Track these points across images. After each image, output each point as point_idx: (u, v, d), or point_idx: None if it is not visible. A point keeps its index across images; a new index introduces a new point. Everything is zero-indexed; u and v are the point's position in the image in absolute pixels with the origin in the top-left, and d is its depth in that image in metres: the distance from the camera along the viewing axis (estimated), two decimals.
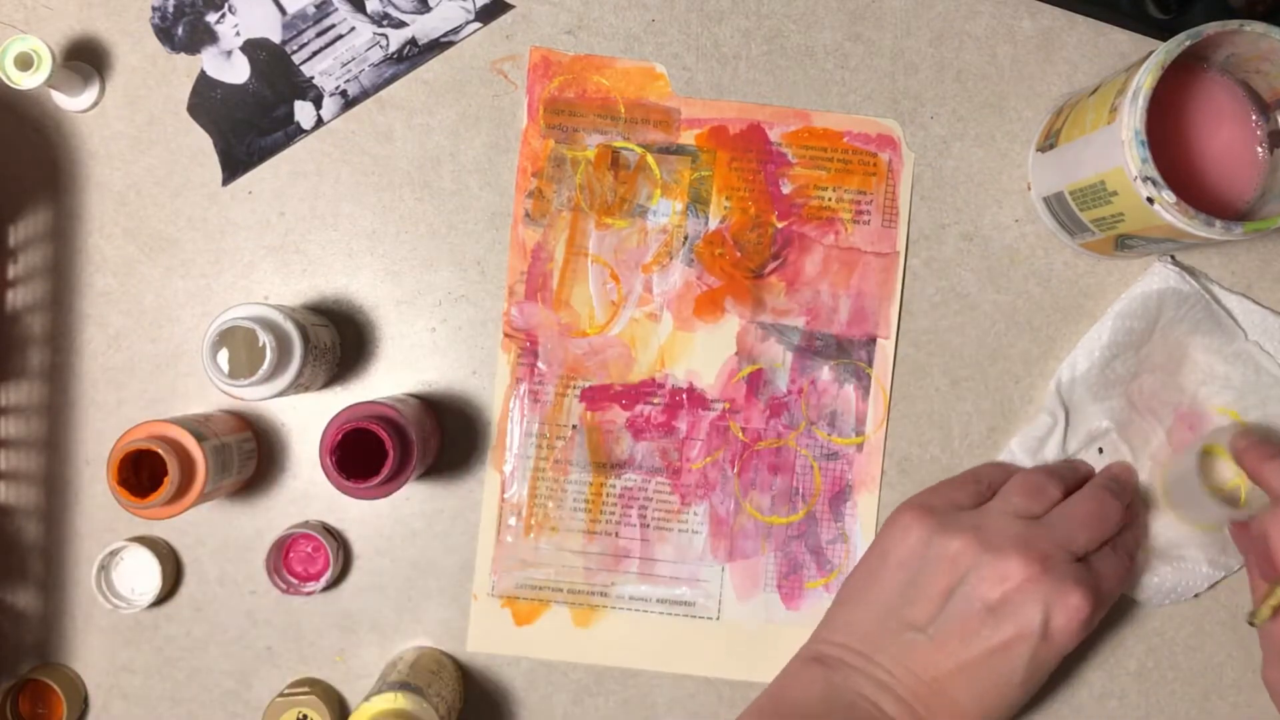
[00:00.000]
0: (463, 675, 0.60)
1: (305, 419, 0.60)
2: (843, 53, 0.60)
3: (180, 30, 0.60)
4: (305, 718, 0.57)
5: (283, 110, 0.60)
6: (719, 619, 0.60)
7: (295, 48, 0.60)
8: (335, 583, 0.60)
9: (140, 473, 0.54)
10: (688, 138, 0.60)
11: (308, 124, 0.60)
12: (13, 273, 0.60)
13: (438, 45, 0.61)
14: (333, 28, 0.60)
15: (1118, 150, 0.50)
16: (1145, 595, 0.59)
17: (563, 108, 0.60)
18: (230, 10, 0.60)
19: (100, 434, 0.60)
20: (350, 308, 0.61)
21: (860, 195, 0.60)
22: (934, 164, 0.61)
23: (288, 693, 0.58)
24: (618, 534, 0.60)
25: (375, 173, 0.61)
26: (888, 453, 0.60)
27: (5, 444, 0.60)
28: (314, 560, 0.59)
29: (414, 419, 0.54)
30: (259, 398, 0.54)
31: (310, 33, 0.60)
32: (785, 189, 0.60)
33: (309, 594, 0.58)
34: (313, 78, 0.60)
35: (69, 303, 0.60)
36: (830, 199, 0.60)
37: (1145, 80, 0.49)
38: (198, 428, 0.55)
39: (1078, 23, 0.61)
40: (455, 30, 0.60)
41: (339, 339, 0.60)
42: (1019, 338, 0.61)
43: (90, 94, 0.60)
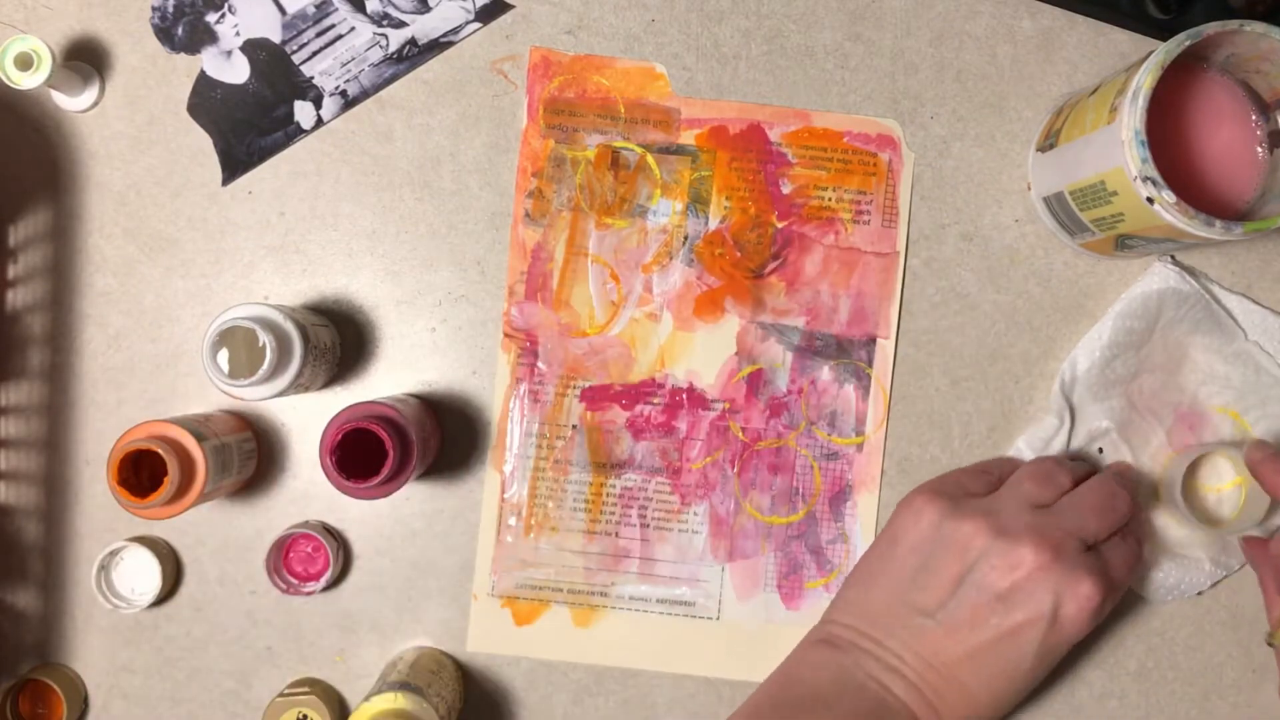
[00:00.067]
0: (463, 675, 0.60)
1: (305, 419, 0.60)
2: (843, 53, 0.60)
3: (180, 30, 0.60)
4: (305, 718, 0.57)
5: (283, 110, 0.60)
6: (719, 619, 0.60)
7: (295, 48, 0.60)
8: (335, 583, 0.60)
9: (140, 473, 0.54)
10: (688, 138, 0.60)
11: (308, 124, 0.60)
12: (13, 273, 0.60)
13: (438, 45, 0.61)
14: (333, 28, 0.60)
15: (1118, 150, 0.50)
16: (1150, 590, 0.59)
17: (563, 108, 0.60)
18: (230, 10, 0.60)
19: (100, 434, 0.60)
20: (350, 308, 0.61)
21: (860, 195, 0.60)
22: (934, 164, 0.61)
23: (288, 693, 0.58)
24: (618, 534, 0.60)
25: (375, 173, 0.61)
26: (888, 453, 0.60)
27: (5, 444, 0.60)
28: (314, 560, 0.59)
29: (414, 419, 0.54)
30: (259, 398, 0.54)
31: (310, 33, 0.60)
32: (785, 189, 0.60)
33: (309, 594, 0.58)
34: (313, 78, 0.60)
35: (69, 303, 0.60)
36: (830, 199, 0.60)
37: (1145, 80, 0.49)
38: (198, 428, 0.55)
39: (1078, 23, 0.61)
40: (455, 30, 0.60)
41: (339, 339, 0.60)
42: (1019, 338, 0.61)
43: (90, 94, 0.60)
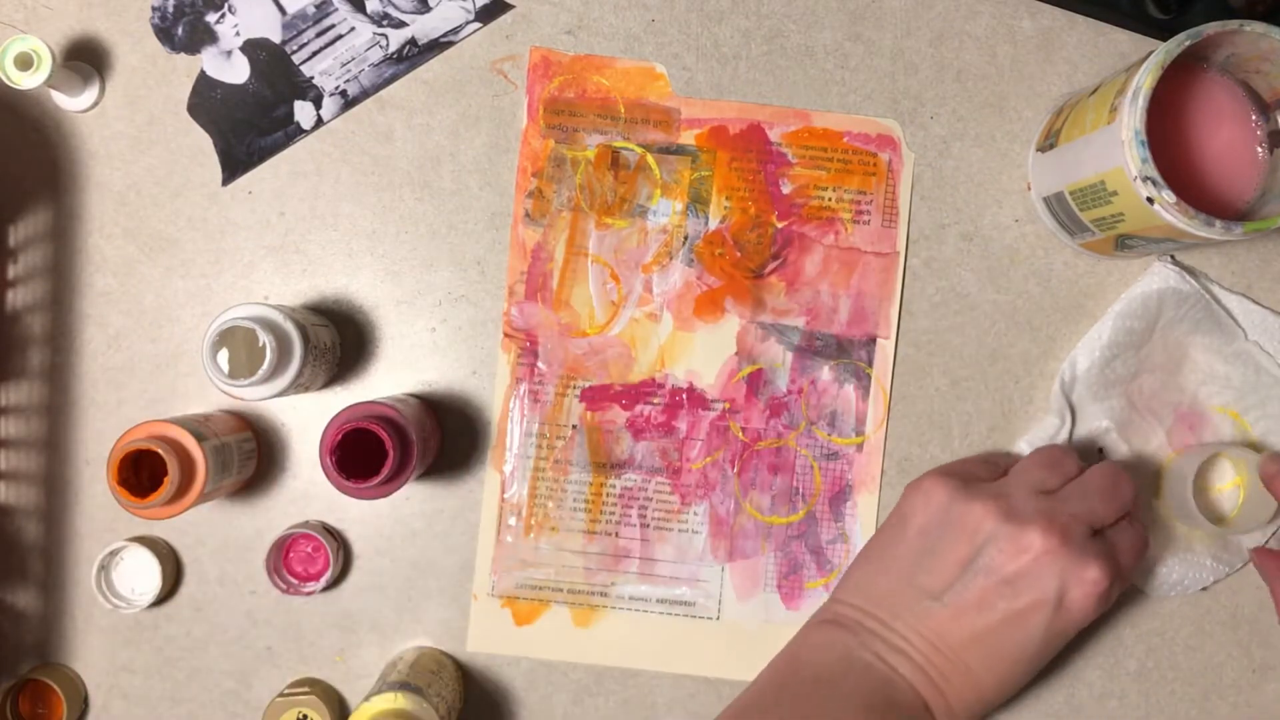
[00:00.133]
0: (463, 675, 0.60)
1: (305, 419, 0.60)
2: (843, 53, 0.60)
3: (180, 30, 0.60)
4: (305, 718, 0.57)
5: (283, 110, 0.60)
6: (719, 619, 0.60)
7: (295, 48, 0.60)
8: (335, 583, 0.60)
9: (140, 473, 0.54)
10: (688, 138, 0.60)
11: (308, 124, 0.60)
12: (13, 273, 0.60)
13: (438, 45, 0.61)
14: (333, 28, 0.60)
15: (1118, 150, 0.50)
16: (1153, 586, 0.59)
17: (563, 108, 0.60)
18: (230, 10, 0.60)
19: (100, 434, 0.60)
20: (350, 308, 0.61)
21: (860, 195, 0.60)
22: (934, 164, 0.61)
23: (288, 693, 0.58)
24: (618, 534, 0.60)
25: (375, 173, 0.61)
26: (888, 453, 0.60)
27: (5, 444, 0.60)
28: (314, 560, 0.59)
29: (414, 419, 0.54)
30: (259, 398, 0.54)
31: (310, 33, 0.60)
32: (785, 189, 0.60)
33: (309, 594, 0.58)
34: (313, 78, 0.60)
35: (69, 303, 0.60)
36: (830, 199, 0.60)
37: (1145, 80, 0.49)
38: (198, 428, 0.55)
39: (1078, 23, 0.61)
40: (455, 30, 0.60)
41: (339, 339, 0.60)
42: (1019, 338, 0.61)
43: (90, 94, 0.60)
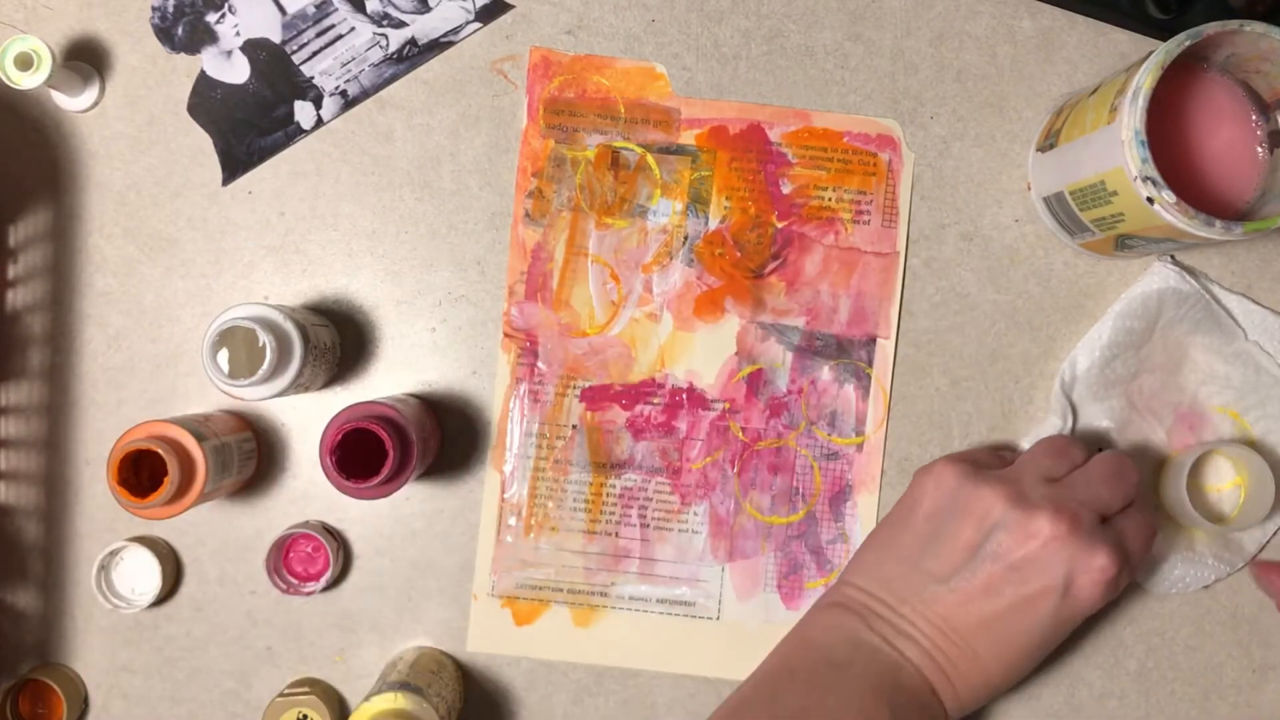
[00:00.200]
0: (463, 675, 0.60)
1: (305, 419, 0.60)
2: (843, 53, 0.60)
3: (180, 30, 0.60)
4: (305, 718, 0.57)
5: (283, 110, 0.60)
6: (719, 619, 0.60)
7: (295, 48, 0.60)
8: (335, 583, 0.60)
9: (140, 473, 0.54)
10: (688, 138, 0.60)
11: (308, 124, 0.60)
12: (13, 273, 0.60)
13: (438, 45, 0.60)
14: (333, 28, 0.60)
15: (1118, 150, 0.50)
16: (1154, 583, 0.59)
17: (563, 108, 0.60)
18: (230, 10, 0.60)
19: (100, 434, 0.60)
20: (350, 308, 0.61)
21: (860, 195, 0.60)
22: (934, 164, 0.61)
23: (288, 693, 0.58)
24: (618, 534, 0.60)
25: (375, 173, 0.61)
26: (888, 453, 0.60)
27: (5, 444, 0.60)
28: (314, 560, 0.59)
29: (414, 419, 0.54)
30: (259, 398, 0.54)
31: (310, 33, 0.60)
32: (785, 189, 0.60)
33: (309, 594, 0.58)
34: (313, 78, 0.60)
35: (69, 303, 0.60)
36: (830, 199, 0.60)
37: (1145, 80, 0.49)
38: (198, 428, 0.55)
39: (1078, 23, 0.61)
40: (455, 30, 0.60)
41: (339, 339, 0.60)
42: (1019, 338, 0.61)
43: (90, 94, 0.60)
